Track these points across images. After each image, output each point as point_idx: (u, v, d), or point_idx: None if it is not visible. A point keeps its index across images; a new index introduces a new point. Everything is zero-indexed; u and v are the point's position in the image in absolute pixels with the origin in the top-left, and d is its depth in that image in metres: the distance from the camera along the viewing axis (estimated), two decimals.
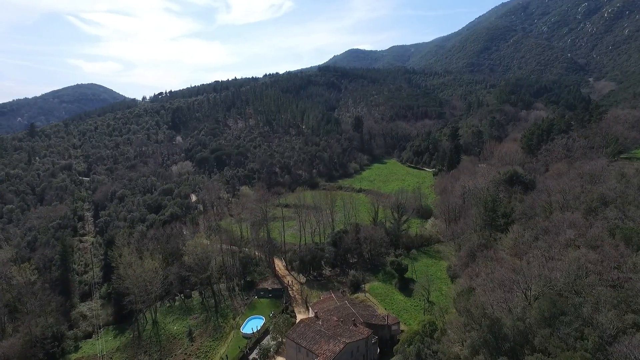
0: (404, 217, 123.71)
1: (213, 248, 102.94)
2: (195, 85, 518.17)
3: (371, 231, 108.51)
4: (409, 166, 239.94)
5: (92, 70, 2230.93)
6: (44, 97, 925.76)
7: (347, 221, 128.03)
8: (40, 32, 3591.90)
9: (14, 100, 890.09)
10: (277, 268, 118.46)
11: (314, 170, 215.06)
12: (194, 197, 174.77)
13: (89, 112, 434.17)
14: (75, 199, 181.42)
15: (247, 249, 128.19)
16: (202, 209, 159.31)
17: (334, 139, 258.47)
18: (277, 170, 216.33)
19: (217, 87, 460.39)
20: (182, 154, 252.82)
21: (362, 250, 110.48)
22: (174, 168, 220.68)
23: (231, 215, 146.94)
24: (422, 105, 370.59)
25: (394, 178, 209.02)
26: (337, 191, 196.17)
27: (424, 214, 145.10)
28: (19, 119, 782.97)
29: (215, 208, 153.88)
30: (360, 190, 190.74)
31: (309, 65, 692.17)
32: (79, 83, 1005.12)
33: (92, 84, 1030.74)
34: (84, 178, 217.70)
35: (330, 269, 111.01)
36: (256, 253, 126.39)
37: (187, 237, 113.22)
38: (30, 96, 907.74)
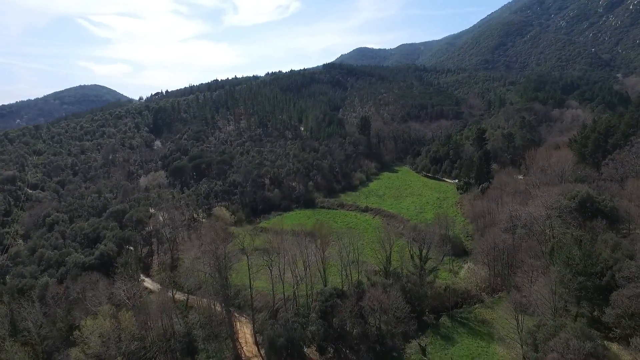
0: (429, 263, 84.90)
1: (127, 327, 64.67)
2: (192, 85, 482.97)
3: (381, 295, 69.53)
4: (426, 176, 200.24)
5: (103, 73, 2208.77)
6: (45, 99, 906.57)
7: (347, 262, 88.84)
8: (51, 35, 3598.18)
9: (16, 102, 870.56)
10: (241, 341, 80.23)
11: (311, 183, 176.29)
12: (156, 221, 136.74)
13: (77, 114, 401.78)
14: (11, 221, 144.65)
15: (204, 300, 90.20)
16: (167, 239, 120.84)
17: (337, 143, 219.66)
18: (266, 182, 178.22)
19: (212, 86, 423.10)
20: (159, 162, 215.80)
21: (368, 323, 71.70)
22: (143, 180, 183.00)
23: (178, 259, 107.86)
24: (436, 104, 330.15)
25: (408, 192, 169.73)
26: (338, 210, 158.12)
27: (454, 248, 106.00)
28: (18, 120, 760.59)
29: (170, 242, 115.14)
30: (366, 210, 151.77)
31: (315, 65, 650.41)
32: (82, 84, 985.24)
33: (95, 85, 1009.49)
34: (37, 193, 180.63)
35: (317, 351, 72.40)
36: (215, 307, 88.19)
37: (103, 299, 75.04)
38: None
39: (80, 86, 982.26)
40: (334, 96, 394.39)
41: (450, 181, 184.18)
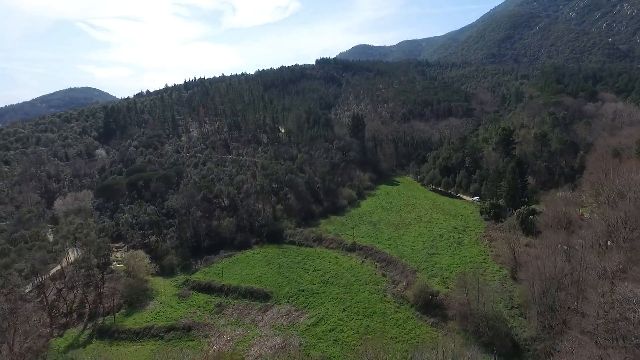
0: None
1: None
2: (168, 85, 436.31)
3: None
4: (435, 190, 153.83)
5: (103, 76, 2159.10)
6: (32, 103, 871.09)
7: None
8: (52, 40, 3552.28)
9: (5, 105, 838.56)
10: None
11: (280, 206, 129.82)
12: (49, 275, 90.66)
13: (44, 117, 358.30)
14: None
15: None
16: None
17: (321, 148, 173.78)
18: (224, 204, 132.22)
19: (190, 84, 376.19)
20: (97, 176, 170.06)
21: None
22: (58, 204, 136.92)
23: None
24: (443, 100, 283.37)
25: (412, 217, 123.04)
26: (314, 247, 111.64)
27: (495, 340, 60.04)
28: (0, 125, 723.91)
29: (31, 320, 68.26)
30: (353, 248, 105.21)
31: None
32: (71, 87, 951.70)
33: (86, 87, 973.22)
34: None
35: None
36: None
37: None
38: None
39: (69, 89, 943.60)
40: (327, 93, 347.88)
41: (469, 199, 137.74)
